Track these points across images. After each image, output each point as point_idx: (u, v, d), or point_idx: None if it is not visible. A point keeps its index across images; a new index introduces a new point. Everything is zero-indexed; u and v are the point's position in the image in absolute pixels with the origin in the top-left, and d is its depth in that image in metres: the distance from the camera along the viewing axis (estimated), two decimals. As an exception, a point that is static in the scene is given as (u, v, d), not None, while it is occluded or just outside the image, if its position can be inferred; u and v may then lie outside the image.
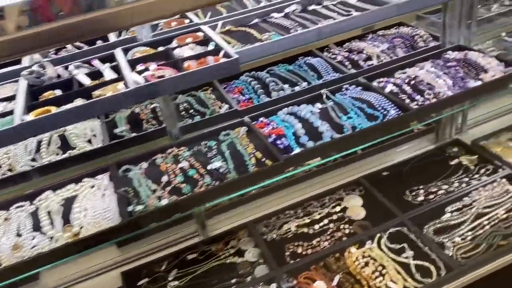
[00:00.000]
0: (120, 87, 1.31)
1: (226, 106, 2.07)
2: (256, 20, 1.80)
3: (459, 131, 2.54)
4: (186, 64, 1.42)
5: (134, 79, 1.31)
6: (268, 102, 2.03)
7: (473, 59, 2.03)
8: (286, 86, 2.15)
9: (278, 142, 1.75)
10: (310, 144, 1.71)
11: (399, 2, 1.58)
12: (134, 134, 1.95)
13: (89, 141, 2.00)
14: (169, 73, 1.36)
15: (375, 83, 2.04)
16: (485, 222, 1.92)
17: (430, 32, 2.39)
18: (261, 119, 1.93)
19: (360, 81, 2.06)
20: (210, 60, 1.41)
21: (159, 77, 1.33)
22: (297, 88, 2.13)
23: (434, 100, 1.83)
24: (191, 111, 2.07)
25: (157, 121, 2.04)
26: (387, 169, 2.34)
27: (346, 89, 2.05)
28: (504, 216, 1.94)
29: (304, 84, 2.16)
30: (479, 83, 1.88)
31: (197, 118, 2.01)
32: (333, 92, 2.03)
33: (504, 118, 2.58)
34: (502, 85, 1.89)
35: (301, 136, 1.75)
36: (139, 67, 1.46)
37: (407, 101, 1.87)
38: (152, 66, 1.42)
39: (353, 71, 2.19)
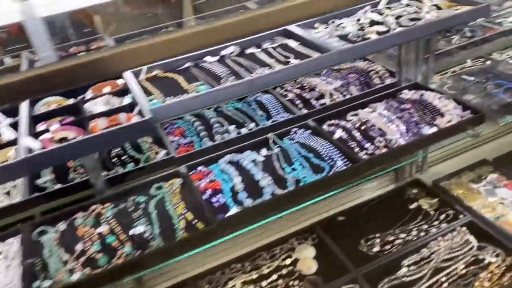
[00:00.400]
0: (11, 154, 1.12)
1: (164, 151, 1.88)
2: (188, 64, 1.62)
3: (420, 169, 2.41)
4: (93, 123, 1.24)
5: (27, 144, 1.12)
6: (209, 148, 1.85)
7: (429, 100, 1.90)
8: (232, 127, 1.98)
9: (214, 199, 1.57)
10: (249, 202, 1.53)
11: (343, 48, 1.43)
12: (57, 186, 1.75)
13: (8, 193, 1.79)
14: (73, 134, 1.18)
15: (325, 126, 1.89)
16: (443, 279, 1.77)
17: (388, 67, 2.26)
18: (200, 168, 1.75)
19: (309, 124, 1.90)
20: (123, 119, 1.23)
21: (60, 139, 1.15)
22: (243, 130, 1.96)
23: (385, 149, 1.69)
24: (124, 157, 1.88)
25: (86, 169, 1.84)
26: (343, 213, 2.19)
27: (295, 132, 1.89)
28: (463, 271, 1.80)
29: (252, 125, 1.99)
30: (434, 129, 1.74)
31: (130, 166, 1.82)
32: (281, 136, 1.88)
33: (467, 154, 2.46)
34: (458, 132, 1.76)
35: (240, 192, 1.58)
36: (40, 126, 1.27)
37: (356, 149, 1.72)
38: (54, 126, 1.23)
39: (304, 111, 2.04)
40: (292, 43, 1.60)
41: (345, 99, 2.08)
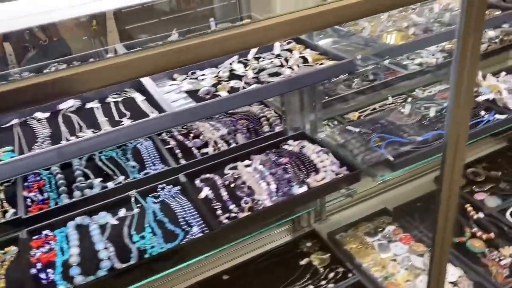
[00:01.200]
0: None
1: (12, 211, 1.67)
2: (15, 121, 1.44)
3: (319, 218, 2.28)
4: None
5: None
6: (64, 206, 1.66)
7: (307, 154, 1.77)
8: (97, 181, 1.79)
9: (43, 275, 1.38)
10: (79, 279, 1.34)
11: (180, 109, 1.28)
12: None
13: None
14: None
15: (197, 181, 1.74)
16: None
17: (280, 112, 2.13)
18: (45, 232, 1.55)
19: (180, 179, 1.74)
20: None
21: None
22: (110, 184, 1.78)
23: (248, 213, 1.54)
24: (-35, 218, 1.66)
25: None
26: (229, 271, 2.02)
27: (162, 189, 1.72)
28: None
29: (121, 178, 1.81)
30: (304, 189, 1.61)
31: (-32, 230, 1.60)
32: (147, 193, 1.71)
33: (368, 203, 2.35)
34: (329, 191, 1.64)
35: (73, 266, 1.39)
36: None
37: (219, 211, 1.56)
38: None
39: (182, 161, 1.88)
40: (139, 98, 1.45)
41: (229, 148, 1.94)
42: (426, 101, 2.09)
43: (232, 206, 1.57)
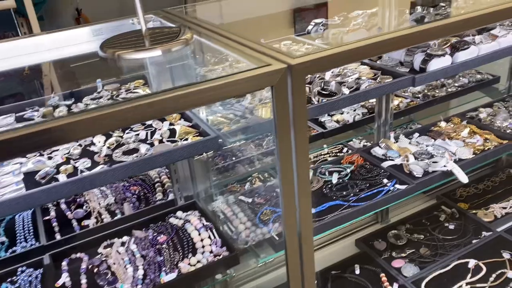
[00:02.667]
0: None
1: None
2: None
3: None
4: None
5: None
6: None
7: (189, 230, 1.62)
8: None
9: None
10: None
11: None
12: None
13: None
14: None
15: (64, 263, 1.56)
16: None
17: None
18: None
19: (44, 261, 1.56)
20: None
21: None
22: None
23: (101, 308, 1.36)
24: None
25: None
26: None
27: (22, 272, 1.54)
28: None
29: (-16, 258, 1.62)
30: (172, 276, 1.44)
31: None
32: (6, 276, 1.52)
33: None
34: (201, 279, 1.47)
35: None
36: None
37: (72, 305, 1.39)
38: None
39: (58, 237, 1.71)
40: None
41: (112, 221, 1.77)
42: (331, 165, 1.97)
43: (88, 298, 1.40)
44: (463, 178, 1.81)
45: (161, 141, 1.40)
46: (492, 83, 2.69)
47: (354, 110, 2.44)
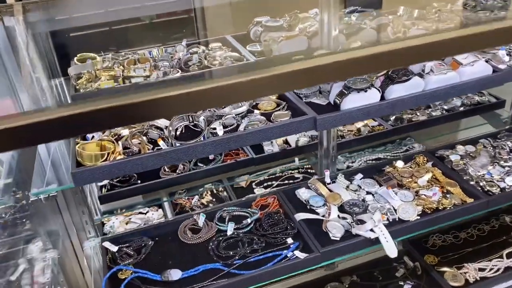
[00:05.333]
0: None
1: None
2: None
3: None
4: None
5: None
6: None
7: None
8: None
9: None
10: None
11: None
12: None
13: None
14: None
15: None
16: None
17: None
18: None
19: None
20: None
21: None
22: None
23: None
24: None
25: None
26: None
27: None
28: None
29: None
30: None
31: None
32: None
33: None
34: None
35: None
36: None
37: None
38: None
39: None
40: None
41: None
42: (239, 208, 1.58)
43: None
44: (391, 251, 1.37)
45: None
46: (494, 108, 2.14)
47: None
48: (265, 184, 2.20)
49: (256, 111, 1.29)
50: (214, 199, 2.28)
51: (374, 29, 1.67)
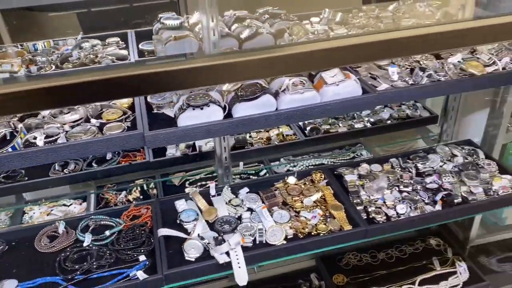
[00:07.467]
0: None
1: None
2: None
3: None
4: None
5: None
6: None
7: None
8: None
9: None
10: None
11: None
12: None
13: None
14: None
15: None
16: None
17: None
18: None
19: None
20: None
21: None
22: None
23: None
24: None
25: None
26: None
27: None
28: None
29: None
30: None
31: None
32: None
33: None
34: None
35: None
36: None
37: None
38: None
39: None
40: None
41: None
42: (108, 217, 1.50)
43: None
44: (241, 279, 1.27)
45: None
46: (424, 123, 1.99)
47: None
48: (199, 184, 2.09)
49: (94, 120, 1.20)
50: (142, 196, 2.20)
51: (271, 34, 1.54)
